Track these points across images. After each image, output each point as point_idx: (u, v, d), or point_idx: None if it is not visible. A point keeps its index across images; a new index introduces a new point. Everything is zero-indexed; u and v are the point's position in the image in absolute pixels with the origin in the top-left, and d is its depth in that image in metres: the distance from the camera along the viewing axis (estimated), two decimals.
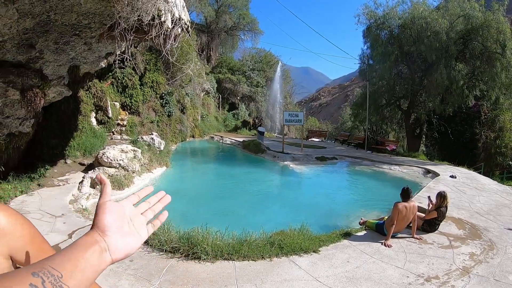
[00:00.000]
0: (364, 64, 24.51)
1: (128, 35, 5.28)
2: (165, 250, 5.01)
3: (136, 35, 5.32)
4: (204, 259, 4.77)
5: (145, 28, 5.30)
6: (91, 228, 0.78)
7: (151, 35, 5.48)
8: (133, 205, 0.89)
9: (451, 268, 5.10)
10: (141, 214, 0.89)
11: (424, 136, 25.48)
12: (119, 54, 9.43)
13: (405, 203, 6.23)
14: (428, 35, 18.88)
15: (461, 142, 23.10)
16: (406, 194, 6.33)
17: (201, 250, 4.82)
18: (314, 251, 5.40)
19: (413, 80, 22.08)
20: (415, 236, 6.36)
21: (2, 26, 5.17)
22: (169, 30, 6.36)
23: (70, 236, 5.86)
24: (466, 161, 18.10)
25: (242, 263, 4.82)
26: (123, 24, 5.18)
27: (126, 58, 6.91)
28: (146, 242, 5.16)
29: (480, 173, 15.79)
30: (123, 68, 16.48)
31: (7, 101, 6.89)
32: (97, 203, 0.82)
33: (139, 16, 5.15)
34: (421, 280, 4.68)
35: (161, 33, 5.77)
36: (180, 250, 4.94)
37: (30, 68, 6.95)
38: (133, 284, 4.11)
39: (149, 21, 5.34)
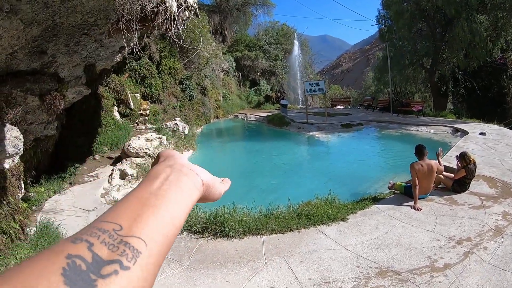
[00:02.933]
0: (382, 25, 23.72)
1: (133, 26, 5.29)
2: (194, 231, 5.13)
3: (141, 25, 5.32)
4: (232, 236, 4.87)
5: (149, 16, 5.29)
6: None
7: (157, 21, 5.47)
8: None
9: (484, 229, 4.98)
10: None
11: (450, 94, 24.66)
12: (132, 46, 9.51)
13: (421, 162, 6.12)
14: None
15: (489, 97, 22.24)
16: (420, 152, 6.23)
17: (228, 228, 4.92)
18: (342, 220, 5.40)
19: (434, 36, 21.23)
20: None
21: (9, 38, 5.27)
22: (175, 14, 6.33)
23: None
24: (496, 117, 17.39)
25: (270, 237, 4.89)
26: (127, 16, 5.18)
27: (135, 48, 6.95)
28: None
29: (511, 128, 15.17)
30: (139, 59, 16.60)
31: (27, 108, 7.07)
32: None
33: (141, 5, 5.15)
34: (453, 242, 4.61)
35: (166, 18, 5.76)
36: (209, 230, 5.05)
37: (45, 73, 7.08)
38: (164, 266, 4.24)
39: (152, 8, 5.33)
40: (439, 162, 6.60)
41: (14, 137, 5.27)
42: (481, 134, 12.08)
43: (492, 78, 22.24)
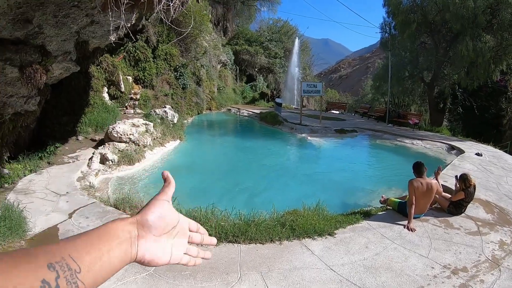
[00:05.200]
0: (386, 34, 23.38)
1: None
2: None
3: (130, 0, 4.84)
4: None
5: None
6: (133, 216, 0.70)
7: None
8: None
9: (480, 259, 4.61)
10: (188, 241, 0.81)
11: (447, 110, 24.37)
12: (128, 26, 9.02)
13: (420, 179, 5.75)
14: (455, 2, 17.60)
15: (486, 118, 22.05)
16: (418, 169, 5.86)
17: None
18: (329, 234, 4.98)
19: (437, 51, 20.90)
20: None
21: None
22: None
23: (70, 216, 5.61)
24: (491, 139, 17.15)
25: (248, 247, 4.45)
26: None
27: (125, 28, 6.49)
28: None
29: (506, 151, 14.89)
30: (136, 41, 16.05)
31: (7, 79, 6.62)
32: (154, 197, 0.75)
33: None
34: (448, 272, 4.23)
35: None
36: None
37: (29, 44, 6.63)
38: (126, 269, 3.78)
39: None
40: (437, 182, 6.24)
41: None
42: (477, 154, 11.77)
43: (491, 99, 22.02)
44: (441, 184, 6.50)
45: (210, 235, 3.05)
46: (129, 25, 9.71)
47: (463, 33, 17.92)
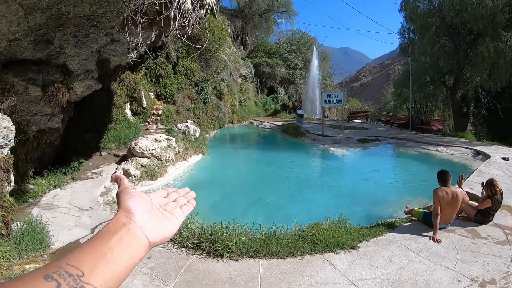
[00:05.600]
0: (405, 39, 23.11)
1: (139, 18, 4.88)
2: (186, 246, 4.65)
3: (147, 18, 4.92)
4: (227, 256, 4.37)
5: (155, 9, 4.88)
6: (117, 213, 0.67)
7: (165, 14, 5.05)
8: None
9: (509, 270, 4.40)
10: (173, 201, 0.78)
11: (471, 114, 23.75)
12: (148, 43, 9.19)
13: (445, 188, 5.56)
14: (473, 2, 17.24)
15: (511, 120, 21.34)
16: (443, 178, 5.66)
17: (224, 247, 4.41)
18: (352, 248, 4.85)
19: (458, 54, 20.48)
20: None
21: (8, 23, 4.96)
22: (189, 12, 5.95)
23: (92, 230, 5.69)
24: None
25: (269, 262, 4.37)
26: (132, 7, 4.78)
27: (147, 46, 6.60)
28: None
29: None
30: (156, 58, 16.36)
31: (30, 98, 6.83)
32: (116, 192, 0.72)
33: None
34: (475, 285, 4.04)
35: (179, 14, 5.36)
36: (202, 247, 4.57)
37: (51, 64, 6.82)
38: (147, 285, 3.81)
39: (161, 1, 4.93)
40: (463, 190, 6.06)
41: (4, 127, 4.90)
42: (504, 159, 11.37)
43: None
44: (467, 192, 6.30)
45: (230, 250, 3.08)
46: (149, 42, 9.92)
47: (483, 34, 17.51)
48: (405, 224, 5.95)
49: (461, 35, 20.44)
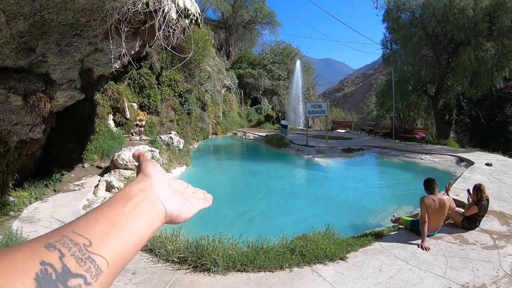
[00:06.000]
0: (387, 50, 23.48)
1: (122, 26, 4.80)
2: (172, 260, 4.52)
3: (131, 27, 4.84)
4: (214, 271, 4.25)
5: (139, 18, 4.80)
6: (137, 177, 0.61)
7: (149, 24, 4.99)
8: None
9: (499, 274, 4.42)
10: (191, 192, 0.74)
11: (453, 122, 24.22)
12: (132, 54, 9.09)
13: (432, 196, 5.61)
14: (454, 12, 17.63)
15: (492, 126, 21.91)
16: (430, 186, 5.70)
17: (210, 261, 4.30)
18: (341, 258, 4.79)
19: (439, 63, 20.88)
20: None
21: None
22: (174, 21, 5.90)
23: None
24: (500, 147, 16.97)
25: (257, 275, 4.27)
26: (116, 16, 4.70)
27: (130, 55, 6.51)
28: (152, 251, 4.70)
29: None
30: (139, 68, 16.22)
31: (11, 107, 6.65)
32: (137, 165, 0.65)
33: (134, 3, 4.67)
34: None
35: (164, 24, 5.30)
36: (188, 261, 4.44)
37: (33, 73, 6.68)
38: None
39: (145, 10, 4.87)
40: (450, 197, 6.14)
41: None
42: (487, 164, 11.60)
43: (497, 107, 22.04)
44: (453, 199, 6.34)
45: (217, 264, 2.98)
46: (133, 52, 9.81)
47: (465, 43, 17.88)
48: (392, 233, 5.94)
49: (442, 45, 20.86)
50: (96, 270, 0.42)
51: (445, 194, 6.35)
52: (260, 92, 32.22)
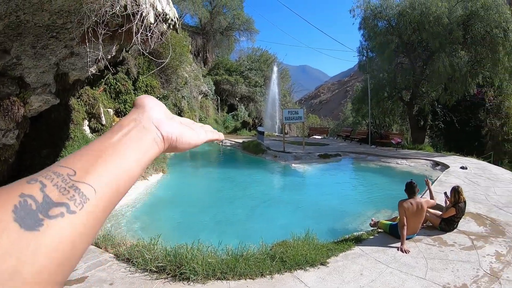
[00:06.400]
0: (363, 57, 23.87)
1: (99, 29, 4.70)
2: (150, 270, 4.39)
3: (108, 30, 4.73)
4: (194, 279, 4.16)
5: (117, 21, 4.71)
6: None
7: (126, 27, 4.90)
8: None
9: (479, 274, 4.51)
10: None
11: (428, 127, 24.81)
12: (108, 58, 8.92)
13: (410, 200, 5.70)
14: (430, 20, 18.12)
15: (466, 131, 22.59)
16: (411, 189, 5.81)
17: (189, 270, 4.20)
18: (321, 264, 4.77)
19: (414, 70, 21.40)
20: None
21: None
22: (152, 26, 5.82)
23: None
24: (474, 151, 17.55)
25: (238, 283, 4.20)
26: (93, 18, 4.59)
27: (107, 60, 6.39)
28: (129, 261, 4.57)
29: (490, 162, 15.17)
30: (116, 73, 15.94)
31: None
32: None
33: (112, 6, 4.58)
34: None
35: (142, 28, 5.22)
36: (167, 270, 4.33)
37: (7, 76, 6.47)
38: None
39: (123, 13, 4.78)
40: (430, 190, 6.41)
41: None
42: (462, 168, 11.92)
43: (470, 112, 22.72)
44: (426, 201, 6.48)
45: (196, 272, 2.87)
46: (109, 57, 9.65)
47: (440, 50, 18.36)
48: (372, 237, 5.99)
49: (417, 52, 21.40)
50: (81, 197, 0.39)
51: (427, 186, 6.61)
52: (237, 98, 32.23)
